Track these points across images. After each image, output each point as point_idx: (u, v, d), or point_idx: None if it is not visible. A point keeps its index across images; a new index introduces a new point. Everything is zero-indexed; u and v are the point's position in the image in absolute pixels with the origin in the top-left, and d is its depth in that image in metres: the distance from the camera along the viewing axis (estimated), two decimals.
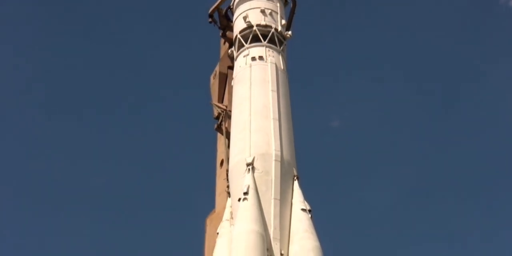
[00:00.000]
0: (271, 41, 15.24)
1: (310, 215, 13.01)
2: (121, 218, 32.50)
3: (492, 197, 34.49)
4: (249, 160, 13.09)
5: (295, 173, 13.53)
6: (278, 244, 12.48)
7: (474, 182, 34.37)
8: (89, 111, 34.19)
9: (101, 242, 32.15)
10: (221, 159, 15.60)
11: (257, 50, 15.14)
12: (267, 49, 15.15)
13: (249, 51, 15.17)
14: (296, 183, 13.45)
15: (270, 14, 15.64)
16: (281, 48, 15.39)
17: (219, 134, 16.03)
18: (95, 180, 33.21)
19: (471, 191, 34.07)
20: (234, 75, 15.42)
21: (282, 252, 12.42)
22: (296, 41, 16.30)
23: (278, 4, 15.94)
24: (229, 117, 15.18)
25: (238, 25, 15.74)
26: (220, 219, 13.81)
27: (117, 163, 33.57)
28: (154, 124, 34.34)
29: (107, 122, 35.09)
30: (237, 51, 15.41)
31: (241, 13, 15.75)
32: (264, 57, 14.99)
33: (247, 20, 15.42)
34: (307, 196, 13.38)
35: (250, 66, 14.87)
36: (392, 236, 33.07)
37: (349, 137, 34.01)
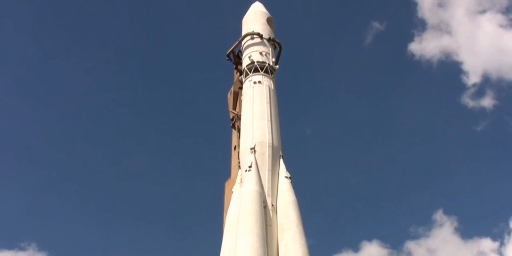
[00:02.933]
0: (266, 71, 17.48)
1: (290, 181, 15.27)
2: (170, 179, 41.32)
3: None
4: (252, 146, 15.54)
5: (281, 154, 15.87)
6: (270, 198, 14.73)
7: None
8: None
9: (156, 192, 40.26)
10: (234, 145, 17.76)
11: (257, 77, 17.40)
12: (263, 76, 17.35)
13: (252, 78, 17.43)
14: (281, 160, 15.72)
15: (265, 54, 17.90)
16: (272, 76, 17.58)
17: (233, 130, 18.37)
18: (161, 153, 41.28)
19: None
20: (242, 93, 17.70)
21: (273, 204, 14.70)
22: (282, 71, 18.61)
23: (270, 48, 18.23)
24: (239, 119, 17.34)
25: (245, 61, 18.05)
26: (234, 183, 15.96)
27: (174, 147, 43.00)
28: (194, 123, 42.55)
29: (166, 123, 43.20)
30: (245, 78, 17.72)
31: (247, 54, 18.20)
32: (262, 81, 17.21)
33: (251, 58, 17.80)
34: (288, 168, 15.61)
35: (253, 87, 17.16)
36: (346, 196, 40.72)
37: (318, 141, 41.70)
